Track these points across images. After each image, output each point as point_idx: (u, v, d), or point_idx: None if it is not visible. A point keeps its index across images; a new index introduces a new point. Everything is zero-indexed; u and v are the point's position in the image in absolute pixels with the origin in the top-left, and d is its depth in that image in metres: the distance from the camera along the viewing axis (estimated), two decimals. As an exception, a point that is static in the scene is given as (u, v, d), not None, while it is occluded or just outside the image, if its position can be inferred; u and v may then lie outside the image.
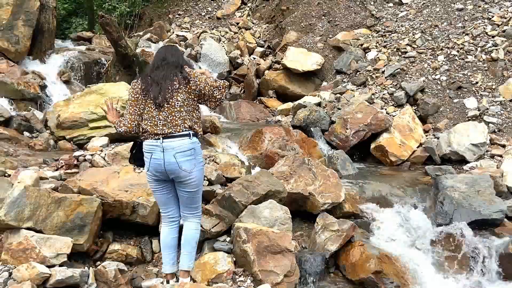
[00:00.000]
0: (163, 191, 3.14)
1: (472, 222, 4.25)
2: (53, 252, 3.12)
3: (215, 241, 3.75)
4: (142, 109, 3.07)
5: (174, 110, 2.96)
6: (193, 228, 3.18)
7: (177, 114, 2.96)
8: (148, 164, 3.04)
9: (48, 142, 5.53)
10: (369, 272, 3.62)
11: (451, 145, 5.76)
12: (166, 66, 3.04)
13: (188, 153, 2.97)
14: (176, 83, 2.98)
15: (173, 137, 2.95)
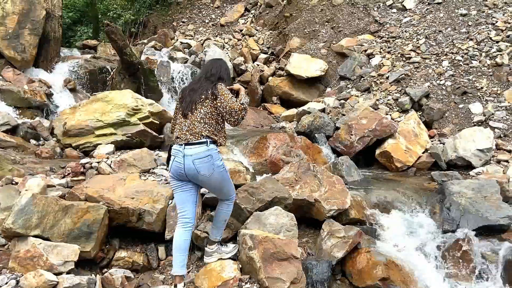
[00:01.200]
0: (182, 190, 3.38)
1: (479, 228, 4.22)
2: (60, 259, 3.14)
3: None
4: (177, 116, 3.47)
5: (196, 120, 3.27)
6: (222, 208, 3.53)
7: (197, 124, 3.26)
8: (170, 166, 3.36)
9: (55, 150, 5.56)
10: (375, 279, 3.61)
11: (457, 150, 5.73)
12: (204, 80, 3.39)
13: (205, 159, 3.23)
14: (204, 97, 3.28)
15: (192, 144, 3.24)
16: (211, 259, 3.60)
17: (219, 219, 3.56)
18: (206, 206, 4.15)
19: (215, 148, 3.31)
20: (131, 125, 5.80)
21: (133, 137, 5.74)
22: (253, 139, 5.92)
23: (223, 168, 3.36)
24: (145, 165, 4.68)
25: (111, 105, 5.89)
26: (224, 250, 3.65)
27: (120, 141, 5.64)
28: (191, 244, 3.91)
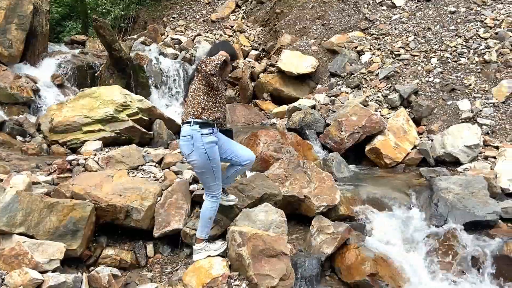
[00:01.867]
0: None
1: (467, 224, 4.26)
2: (45, 257, 3.09)
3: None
4: None
5: (188, 100, 3.46)
6: (206, 205, 3.58)
7: (188, 103, 3.44)
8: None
9: (41, 147, 5.48)
10: (364, 274, 3.62)
11: (445, 147, 5.77)
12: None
13: (186, 138, 3.39)
14: (194, 76, 3.47)
15: (183, 124, 3.45)
16: (200, 256, 3.58)
17: (204, 216, 3.57)
18: (195, 203, 4.12)
19: (197, 129, 3.34)
20: (119, 121, 5.73)
21: (121, 133, 5.68)
22: (244, 136, 5.90)
23: (204, 152, 3.35)
24: (133, 162, 4.64)
25: (99, 101, 5.82)
26: (212, 247, 3.63)
27: (109, 137, 5.58)
28: (180, 242, 3.91)
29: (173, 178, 4.30)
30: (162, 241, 3.98)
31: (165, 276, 3.68)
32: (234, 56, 3.60)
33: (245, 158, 3.68)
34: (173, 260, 3.87)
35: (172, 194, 4.02)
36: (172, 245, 3.97)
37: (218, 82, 3.35)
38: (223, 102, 3.52)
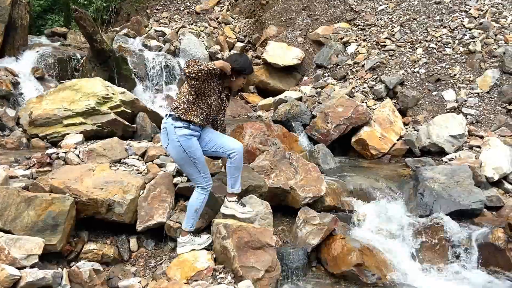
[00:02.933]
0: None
1: (452, 213, 4.27)
2: (23, 253, 2.99)
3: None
4: None
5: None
6: (193, 196, 3.55)
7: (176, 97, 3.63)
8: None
9: (20, 141, 5.33)
10: (350, 265, 3.59)
11: (430, 137, 5.78)
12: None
13: (162, 131, 3.49)
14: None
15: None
16: (184, 249, 3.51)
17: (190, 207, 3.52)
18: (179, 196, 4.04)
19: (171, 122, 3.39)
20: (101, 114, 5.60)
21: (103, 126, 5.56)
22: (229, 128, 5.81)
23: (179, 145, 3.37)
24: (115, 155, 4.53)
25: (80, 93, 5.67)
26: (197, 241, 3.57)
27: (90, 130, 5.45)
28: (164, 235, 3.84)
29: (156, 171, 4.21)
30: (146, 235, 3.90)
31: (149, 270, 3.61)
32: (244, 70, 3.57)
33: (230, 147, 3.57)
34: (157, 254, 3.80)
35: (155, 187, 3.94)
36: (156, 239, 3.90)
37: (204, 87, 3.35)
38: (206, 110, 3.46)
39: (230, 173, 3.63)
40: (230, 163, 3.61)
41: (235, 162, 3.60)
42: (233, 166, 3.62)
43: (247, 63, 3.61)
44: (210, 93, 3.43)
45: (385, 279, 3.61)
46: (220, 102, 3.65)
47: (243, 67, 3.55)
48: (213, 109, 3.54)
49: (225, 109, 3.89)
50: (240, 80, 3.64)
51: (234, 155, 3.59)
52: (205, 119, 3.51)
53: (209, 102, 3.46)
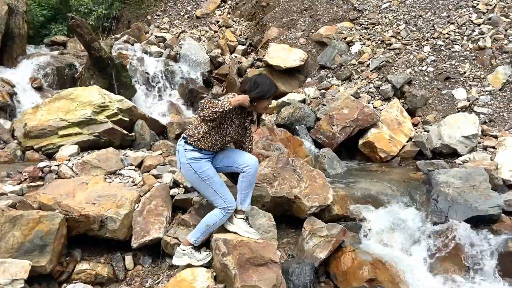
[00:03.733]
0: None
1: (469, 219, 4.00)
2: (7, 277, 2.78)
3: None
4: None
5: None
6: (212, 212, 3.35)
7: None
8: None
9: (15, 153, 5.15)
10: (362, 280, 3.34)
11: (442, 138, 5.51)
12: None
13: (176, 152, 3.40)
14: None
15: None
16: (180, 261, 3.29)
17: (203, 222, 3.32)
18: (176, 208, 3.82)
19: (183, 144, 3.31)
20: (98, 123, 5.41)
21: (100, 136, 5.36)
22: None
23: (189, 167, 3.27)
24: (110, 166, 4.33)
25: (76, 103, 5.48)
26: (196, 256, 3.33)
27: (87, 141, 5.25)
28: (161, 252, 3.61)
29: (152, 182, 3.99)
30: (142, 251, 3.68)
31: (145, 290, 3.39)
32: (265, 95, 3.29)
33: (243, 161, 3.37)
34: (154, 272, 3.58)
35: (151, 200, 3.72)
36: (153, 256, 3.67)
37: (221, 121, 3.26)
38: (221, 141, 3.35)
39: (241, 188, 3.40)
40: (242, 178, 3.38)
41: (248, 177, 3.38)
42: (245, 181, 3.38)
43: (266, 86, 3.31)
44: (227, 125, 3.32)
45: (399, 294, 3.35)
46: (241, 130, 3.50)
47: (262, 94, 3.28)
48: (228, 140, 3.42)
49: (251, 136, 3.69)
50: (265, 103, 3.37)
51: (248, 169, 3.37)
52: (219, 147, 3.42)
53: (225, 133, 3.35)
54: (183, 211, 3.80)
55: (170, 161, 4.55)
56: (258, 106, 3.37)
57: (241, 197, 3.41)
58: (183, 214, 3.73)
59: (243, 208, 3.41)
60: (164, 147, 5.40)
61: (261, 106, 3.38)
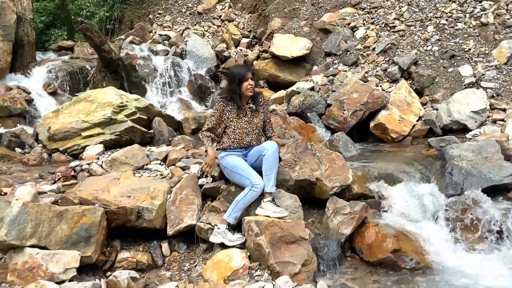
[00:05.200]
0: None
1: (484, 190, 4.17)
2: (61, 267, 3.00)
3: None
4: None
5: None
6: (244, 191, 3.65)
7: None
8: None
9: (42, 156, 5.36)
10: (387, 251, 3.54)
11: (451, 115, 5.67)
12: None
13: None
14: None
15: None
16: (215, 239, 3.56)
17: (236, 199, 3.62)
18: (205, 197, 4.02)
19: (216, 147, 3.91)
20: (118, 122, 5.61)
21: (122, 135, 5.56)
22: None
23: (222, 167, 3.86)
24: (138, 162, 4.52)
25: (95, 104, 5.69)
26: (229, 237, 3.53)
27: (109, 140, 5.46)
28: (195, 237, 3.82)
29: (180, 174, 4.19)
30: (177, 238, 3.88)
31: (184, 274, 3.60)
32: (239, 73, 3.78)
33: (263, 147, 3.75)
34: (190, 256, 3.78)
35: (182, 190, 3.92)
36: (187, 242, 3.87)
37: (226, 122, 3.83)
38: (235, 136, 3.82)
39: (264, 171, 3.68)
40: (263, 161, 3.68)
41: (267, 159, 3.66)
42: (265, 163, 3.68)
43: (236, 69, 3.94)
44: (229, 124, 3.82)
45: (423, 262, 3.55)
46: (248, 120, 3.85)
47: (235, 76, 3.77)
48: (239, 132, 3.83)
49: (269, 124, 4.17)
50: (245, 85, 3.76)
51: (266, 152, 3.68)
52: (238, 142, 3.83)
53: (233, 129, 3.82)
54: (212, 199, 4.00)
55: (193, 154, 4.74)
56: (242, 90, 3.77)
57: (265, 180, 3.64)
58: (213, 202, 3.93)
59: (268, 190, 3.63)
60: (183, 142, 5.58)
61: (244, 88, 3.77)
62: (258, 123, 3.91)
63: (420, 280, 3.36)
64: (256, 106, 3.89)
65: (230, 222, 3.57)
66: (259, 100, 3.95)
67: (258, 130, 3.95)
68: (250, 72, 3.84)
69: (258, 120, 3.92)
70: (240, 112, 3.82)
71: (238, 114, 3.82)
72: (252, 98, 3.88)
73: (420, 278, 3.40)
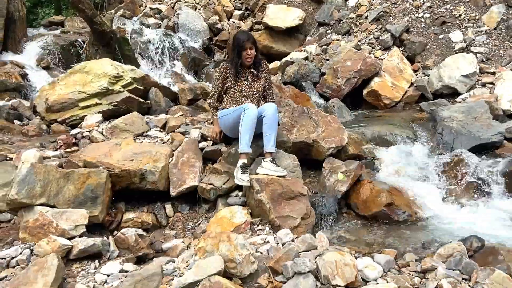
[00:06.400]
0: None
1: (473, 148, 4.36)
2: (71, 224, 3.12)
3: (228, 197, 3.79)
4: None
5: None
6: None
7: None
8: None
9: (41, 127, 5.41)
10: (381, 205, 3.71)
11: (442, 79, 5.80)
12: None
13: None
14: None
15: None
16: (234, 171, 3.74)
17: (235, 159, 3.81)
18: (206, 159, 4.15)
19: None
20: (115, 93, 5.64)
21: (119, 105, 5.60)
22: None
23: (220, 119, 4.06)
24: (137, 129, 4.61)
25: (91, 75, 5.71)
26: (238, 175, 3.65)
27: (107, 110, 5.50)
28: (198, 198, 3.96)
29: (181, 138, 4.30)
30: (180, 200, 4.02)
31: (188, 232, 3.75)
32: (239, 42, 3.87)
33: (261, 110, 3.85)
34: (193, 216, 3.93)
35: (183, 153, 4.04)
36: (190, 203, 4.01)
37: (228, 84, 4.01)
38: (235, 99, 4.01)
39: (264, 132, 3.82)
40: (264, 122, 3.81)
41: (266, 120, 3.79)
42: (264, 124, 3.81)
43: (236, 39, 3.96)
44: (229, 87, 4.01)
45: (415, 215, 3.74)
46: (248, 84, 4.02)
47: (237, 44, 3.88)
48: (239, 96, 4.02)
49: (270, 89, 4.30)
50: (243, 53, 3.88)
51: (265, 113, 3.80)
52: (238, 104, 3.97)
53: (234, 92, 4.01)
54: (213, 162, 4.13)
55: (191, 121, 4.84)
56: (242, 59, 3.91)
57: (265, 141, 3.78)
58: (213, 164, 4.05)
59: (268, 150, 3.76)
60: (180, 110, 5.66)
61: (243, 58, 3.91)
62: (258, 87, 4.03)
63: (411, 230, 3.56)
64: (257, 71, 4.00)
65: (244, 151, 3.71)
66: (261, 66, 4.06)
67: (259, 95, 4.08)
68: (250, 42, 3.90)
69: (259, 85, 4.04)
70: (241, 76, 3.97)
71: (240, 78, 3.98)
72: (254, 64, 3.98)
73: (411, 228, 3.60)
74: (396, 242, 3.38)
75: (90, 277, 2.84)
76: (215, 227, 3.49)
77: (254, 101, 4.04)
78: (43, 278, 2.49)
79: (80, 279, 2.82)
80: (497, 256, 2.66)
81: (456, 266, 2.56)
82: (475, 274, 2.45)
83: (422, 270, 2.64)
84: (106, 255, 3.15)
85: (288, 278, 2.56)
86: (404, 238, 3.47)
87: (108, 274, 2.83)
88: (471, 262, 2.56)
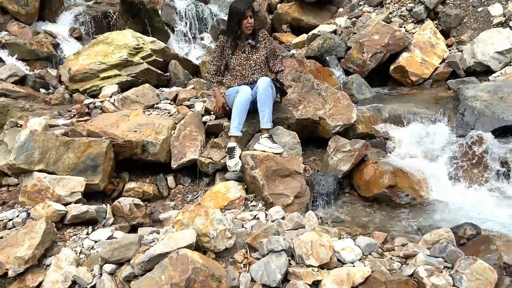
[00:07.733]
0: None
1: (496, 130, 4.02)
2: (67, 191, 3.24)
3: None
4: None
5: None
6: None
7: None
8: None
9: (64, 96, 5.62)
10: (382, 187, 3.56)
11: (475, 56, 5.38)
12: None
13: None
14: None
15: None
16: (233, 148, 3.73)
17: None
18: (209, 134, 4.14)
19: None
20: (134, 64, 5.73)
21: (137, 77, 5.70)
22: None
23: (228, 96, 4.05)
24: (148, 100, 4.66)
25: (112, 46, 5.81)
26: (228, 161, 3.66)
27: (126, 81, 5.61)
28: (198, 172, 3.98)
29: (185, 111, 4.31)
30: (182, 172, 4.07)
31: (186, 204, 3.80)
32: (236, 10, 3.78)
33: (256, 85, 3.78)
34: (194, 189, 3.97)
35: (185, 126, 4.05)
36: (192, 176, 4.05)
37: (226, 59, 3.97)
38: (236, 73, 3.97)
39: (258, 107, 3.75)
40: (257, 98, 3.74)
41: (259, 96, 3.73)
42: (259, 100, 3.73)
43: (233, 8, 3.83)
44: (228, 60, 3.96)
45: (420, 198, 3.56)
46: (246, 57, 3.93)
47: (234, 13, 3.78)
48: (239, 69, 3.95)
49: (260, 60, 3.98)
50: (244, 22, 3.78)
51: (257, 89, 3.73)
52: (240, 78, 3.97)
53: (232, 66, 3.95)
54: (215, 136, 4.12)
55: (202, 94, 4.83)
56: (242, 28, 3.81)
57: (260, 117, 3.73)
58: (215, 139, 4.04)
59: (263, 126, 3.69)
60: (196, 84, 5.66)
61: (243, 26, 3.81)
62: (257, 59, 3.91)
63: (413, 213, 3.41)
64: (255, 42, 3.88)
65: (232, 134, 3.72)
66: (259, 36, 3.93)
67: (260, 66, 3.95)
68: (250, 9, 3.79)
69: (258, 56, 3.92)
70: (239, 48, 3.87)
71: (237, 50, 3.88)
72: (252, 35, 3.86)
73: (414, 212, 3.44)
74: (393, 225, 3.25)
75: (80, 242, 2.96)
76: (209, 200, 3.51)
77: (257, 73, 3.92)
78: (29, 241, 2.62)
79: (69, 243, 2.94)
80: (490, 245, 2.49)
81: (440, 253, 2.42)
82: (458, 262, 2.30)
83: (404, 256, 2.52)
84: (102, 222, 3.27)
85: (263, 255, 2.54)
86: (402, 221, 3.33)
87: (96, 241, 2.94)
88: (456, 250, 2.40)
